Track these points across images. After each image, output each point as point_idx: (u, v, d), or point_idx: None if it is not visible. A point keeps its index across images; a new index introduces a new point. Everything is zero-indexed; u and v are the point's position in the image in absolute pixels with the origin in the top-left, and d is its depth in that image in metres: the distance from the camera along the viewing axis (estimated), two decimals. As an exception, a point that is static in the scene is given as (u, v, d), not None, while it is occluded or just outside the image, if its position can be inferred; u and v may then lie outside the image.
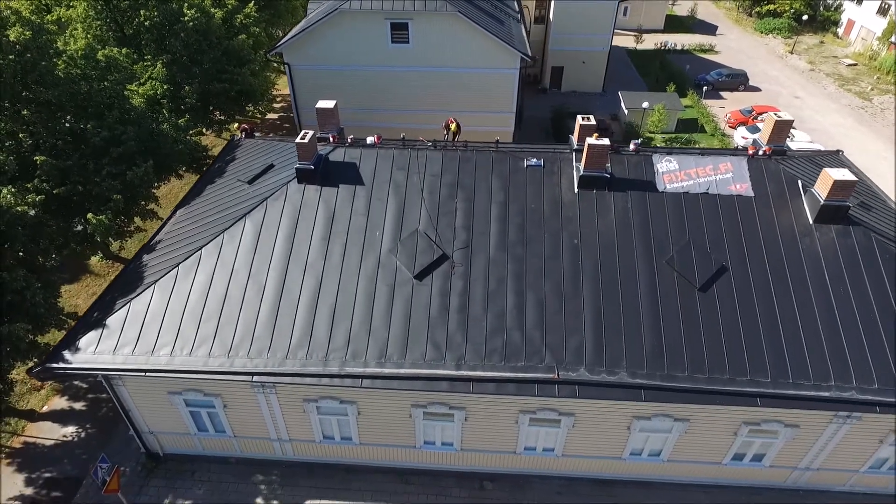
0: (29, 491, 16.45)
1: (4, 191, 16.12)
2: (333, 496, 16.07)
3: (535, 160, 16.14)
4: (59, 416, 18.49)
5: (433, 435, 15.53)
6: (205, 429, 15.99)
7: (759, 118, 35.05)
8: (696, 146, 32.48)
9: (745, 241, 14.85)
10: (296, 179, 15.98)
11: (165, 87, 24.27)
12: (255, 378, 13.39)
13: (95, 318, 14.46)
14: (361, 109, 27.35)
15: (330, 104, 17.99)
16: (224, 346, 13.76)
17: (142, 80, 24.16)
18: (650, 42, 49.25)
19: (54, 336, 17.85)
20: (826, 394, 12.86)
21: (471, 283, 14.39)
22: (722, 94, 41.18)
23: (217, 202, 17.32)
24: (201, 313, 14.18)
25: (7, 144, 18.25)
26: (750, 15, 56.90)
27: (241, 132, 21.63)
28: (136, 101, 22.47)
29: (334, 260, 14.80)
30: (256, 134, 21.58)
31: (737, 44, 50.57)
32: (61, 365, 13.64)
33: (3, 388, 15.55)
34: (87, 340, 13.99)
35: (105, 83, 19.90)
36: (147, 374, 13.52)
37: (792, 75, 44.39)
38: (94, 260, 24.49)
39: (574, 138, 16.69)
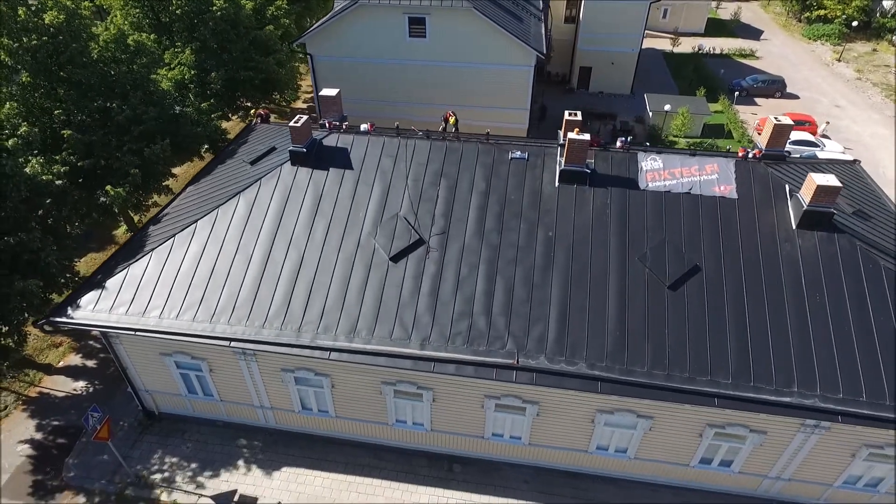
0: (38, 436, 17.94)
1: (33, 161, 17.65)
2: (309, 465, 16.85)
3: (519, 153, 16.44)
4: (72, 372, 20.01)
5: (405, 414, 16.08)
6: (194, 391, 17.05)
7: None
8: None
9: (723, 243, 14.75)
10: (289, 161, 16.81)
11: (193, 72, 25.67)
12: (233, 344, 14.28)
13: (98, 279, 15.69)
14: (378, 101, 28.14)
15: (333, 92, 18.78)
16: (208, 312, 14.71)
17: (171, 66, 25.67)
18: (688, 45, 48.18)
19: (70, 297, 19.32)
20: (787, 399, 12.72)
21: (444, 268, 14.87)
22: (757, 100, 39.99)
23: (221, 180, 18.36)
24: (191, 281, 15.18)
25: (41, 119, 19.89)
26: (799, 20, 54.80)
27: (257, 118, 22.73)
28: (164, 85, 23.98)
29: (317, 239, 15.55)
30: (272, 119, 22.59)
31: (780, 49, 48.87)
32: (63, 319, 14.91)
33: (17, 339, 17.01)
34: (88, 299, 15.22)
35: (133, 66, 21.34)
36: (137, 333, 14.61)
37: (835, 84, 42.62)
38: (119, 231, 26.20)
39: (561, 133, 16.86)
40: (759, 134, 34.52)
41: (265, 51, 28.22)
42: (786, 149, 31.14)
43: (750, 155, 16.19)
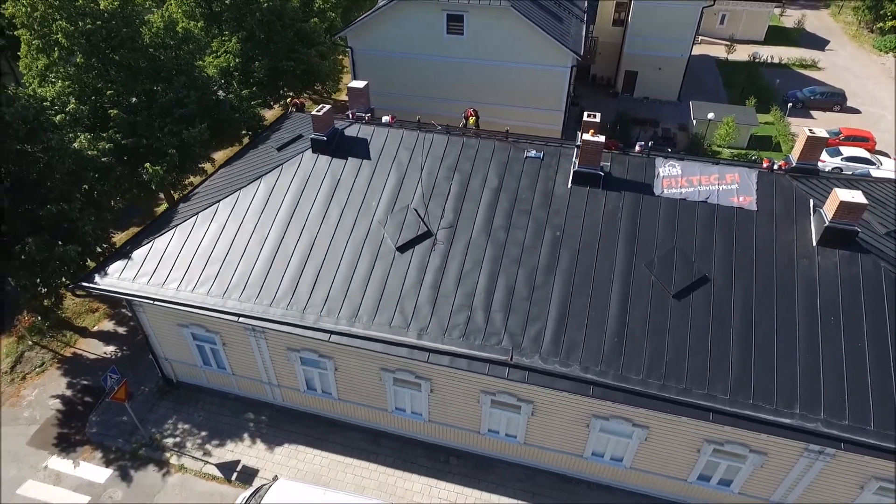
0: (68, 392, 19.22)
1: (81, 137, 18.90)
2: (309, 444, 17.38)
3: (534, 152, 16.40)
4: (105, 336, 21.30)
5: (404, 402, 16.36)
6: (209, 363, 17.86)
7: (845, 141, 32.33)
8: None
9: (736, 255, 14.29)
10: (311, 149, 17.36)
11: (238, 60, 26.77)
12: (241, 319, 14.92)
13: (126, 250, 16.69)
14: (414, 96, 28.52)
15: (360, 84, 19.24)
16: (221, 288, 15.41)
17: (218, 53, 26.85)
18: (744, 53, 46.37)
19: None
20: (787, 420, 12.24)
21: (448, 261, 15.03)
22: (813, 113, 38.15)
23: (248, 164, 19.14)
24: (208, 257, 15.94)
25: (93, 99, 21.24)
26: (871, 31, 51.79)
27: (293, 106, 23.52)
28: (210, 72, 25.14)
29: (329, 225, 16.01)
30: (307, 109, 23.29)
31: (846, 61, 46.34)
32: (90, 284, 15.95)
33: (54, 300, 18.28)
34: (115, 267, 16.22)
35: (180, 52, 22.48)
36: (155, 302, 15.47)
37: (903, 100, 40.11)
38: (160, 208, 27.58)
39: (580, 135, 16.69)
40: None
41: (309, 43, 29.11)
42: (838, 165, 29.76)
43: (775, 166, 15.58)
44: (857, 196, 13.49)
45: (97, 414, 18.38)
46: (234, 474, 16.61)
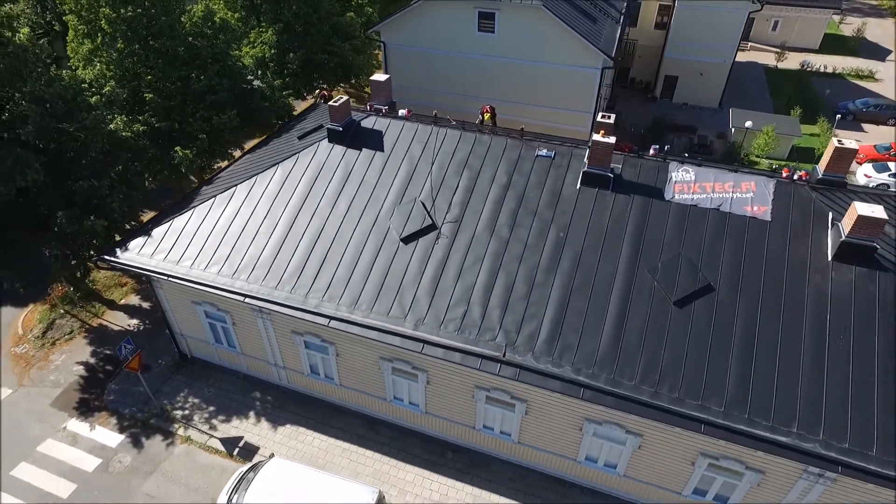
0: (92, 360, 20.25)
1: (118, 118, 19.88)
2: (311, 426, 17.79)
3: (545, 151, 16.28)
4: (130, 310, 22.32)
5: (402, 392, 16.54)
6: (220, 341, 18.50)
7: None
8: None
9: (745, 266, 13.84)
10: (327, 138, 17.73)
11: (273, 51, 27.53)
12: (246, 300, 15.40)
13: (148, 227, 17.46)
14: (443, 92, 28.61)
15: (382, 78, 19.55)
16: (231, 268, 15.95)
17: (255, 44, 27.68)
18: (795, 61, 44.52)
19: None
20: (783, 438, 11.80)
21: (450, 255, 15.11)
22: (865, 126, 36.33)
23: (270, 151, 19.70)
24: (222, 238, 16.51)
25: (132, 83, 22.27)
26: (939, 42, 48.81)
27: (321, 98, 24.02)
28: (246, 61, 25.98)
29: (338, 213, 16.33)
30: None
31: (907, 73, 43.88)
32: (111, 258, 16.78)
33: (82, 271, 19.30)
34: (135, 243, 17.00)
35: (216, 41, 23.30)
36: (168, 278, 16.14)
37: (967, 116, 37.64)
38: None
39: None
40: (858, 163, 31.64)
41: (344, 36, 29.65)
42: (885, 182, 28.25)
43: (795, 176, 14.99)
44: (877, 210, 12.85)
45: (116, 383, 19.30)
46: (236, 450, 17.17)
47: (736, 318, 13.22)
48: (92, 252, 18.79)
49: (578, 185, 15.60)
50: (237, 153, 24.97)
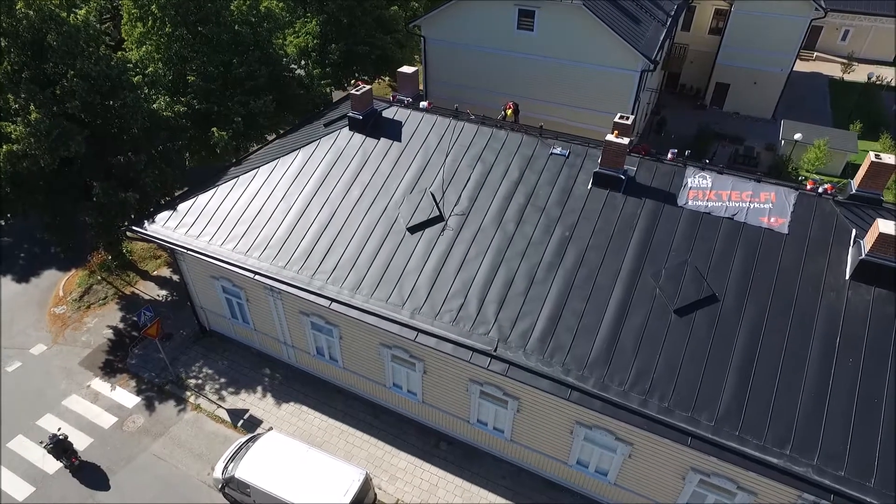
0: (121, 326, 21.46)
1: (160, 99, 20.98)
2: (312, 406, 18.25)
3: (559, 149, 16.08)
4: (161, 281, 23.50)
5: (400, 379, 16.74)
6: (236, 317, 19.24)
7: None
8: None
9: (754, 278, 13.25)
10: (348, 126, 18.12)
11: (316, 41, 28.27)
12: (256, 277, 15.96)
13: (175, 202, 18.34)
14: (480, 89, 28.62)
15: (410, 70, 19.80)
16: (246, 246, 16.56)
17: (299, 34, 28.50)
18: (864, 73, 41.94)
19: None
20: (773, 459, 11.26)
21: (453, 247, 15.17)
22: (934, 146, 33.81)
23: (297, 137, 20.29)
24: (240, 217, 17.16)
25: (178, 66, 23.40)
26: None
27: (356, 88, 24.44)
28: (290, 50, 26.82)
29: (350, 199, 16.67)
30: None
31: None
32: (139, 229, 17.74)
33: (115, 240, 20.48)
34: (161, 217, 17.91)
35: (259, 29, 24.17)
36: (187, 251, 16.93)
37: None
38: (232, 174, 29.78)
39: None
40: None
41: (387, 30, 30.13)
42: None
43: (820, 189, 14.22)
44: (901, 229, 12.05)
45: (140, 348, 20.38)
46: (241, 421, 17.82)
47: (738, 332, 12.69)
48: (125, 223, 19.93)
49: (590, 186, 15.33)
50: (271, 137, 25.88)
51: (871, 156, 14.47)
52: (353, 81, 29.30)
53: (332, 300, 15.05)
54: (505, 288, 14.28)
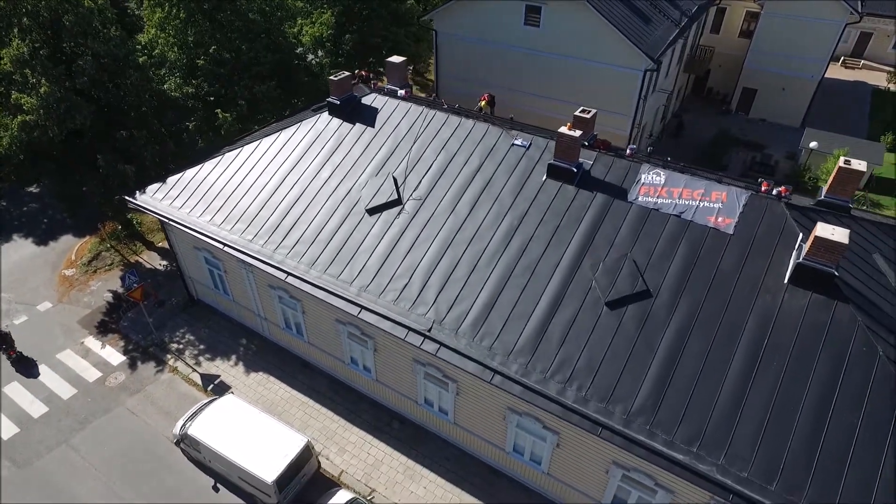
0: (120, 290, 22.97)
1: (171, 81, 22.35)
2: (278, 377, 19.08)
3: (521, 140, 16.22)
4: (164, 253, 24.92)
5: (357, 356, 17.32)
6: (218, 288, 20.31)
7: None
8: (869, 208, 26.37)
9: (691, 277, 13.08)
10: (328, 111, 18.83)
11: (330, 32, 29.22)
12: (225, 248, 16.89)
13: (165, 176, 19.55)
14: (485, 84, 28.78)
15: (398, 60, 20.26)
16: (220, 219, 17.53)
17: (314, 23, 29.53)
18: (912, 84, 39.54)
19: (172, 192, 24.01)
20: (678, 455, 11.18)
21: (406, 231, 15.61)
22: (977, 163, 31.62)
23: (289, 120, 21.17)
24: (219, 191, 18.16)
25: (193, 50, 24.77)
26: None
27: (357, 78, 25.18)
28: (305, 40, 27.90)
29: (320, 180, 17.36)
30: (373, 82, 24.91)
31: None
32: (130, 199, 19.04)
33: (115, 210, 21.96)
34: (152, 189, 19.14)
35: (273, 17, 25.28)
36: (169, 220, 18.06)
37: None
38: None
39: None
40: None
41: (402, 23, 30.79)
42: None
43: (775, 191, 13.83)
44: (838, 234, 11.64)
45: (133, 312, 21.78)
46: (211, 386, 18.84)
47: (666, 329, 12.57)
48: (121, 192, 21.33)
49: (544, 177, 15.43)
50: (273, 121, 26.97)
51: (841, 161, 14.03)
52: (357, 72, 30.06)
53: (288, 273, 15.78)
54: (448, 272, 14.61)
